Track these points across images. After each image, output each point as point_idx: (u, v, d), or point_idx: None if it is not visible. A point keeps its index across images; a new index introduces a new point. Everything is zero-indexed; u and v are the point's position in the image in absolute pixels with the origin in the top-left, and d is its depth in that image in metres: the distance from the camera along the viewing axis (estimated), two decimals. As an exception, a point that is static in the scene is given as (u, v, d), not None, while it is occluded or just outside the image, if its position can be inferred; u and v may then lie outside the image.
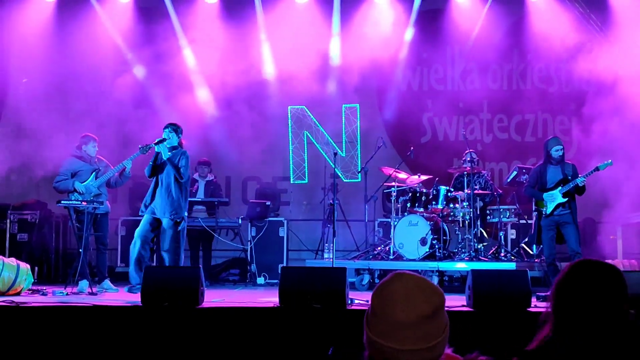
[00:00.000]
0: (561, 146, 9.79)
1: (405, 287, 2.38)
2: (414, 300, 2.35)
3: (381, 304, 2.39)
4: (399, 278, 2.41)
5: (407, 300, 2.34)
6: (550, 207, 9.63)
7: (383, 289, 2.41)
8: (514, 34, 13.51)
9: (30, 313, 7.64)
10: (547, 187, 9.73)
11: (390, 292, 2.38)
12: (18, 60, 14.06)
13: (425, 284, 2.40)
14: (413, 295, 2.36)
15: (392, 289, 2.39)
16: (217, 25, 13.67)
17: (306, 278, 7.84)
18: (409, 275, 2.41)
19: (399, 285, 2.39)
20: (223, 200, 12.44)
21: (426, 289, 2.38)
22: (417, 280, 2.40)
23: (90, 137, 10.36)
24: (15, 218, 12.53)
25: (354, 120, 14.12)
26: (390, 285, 2.40)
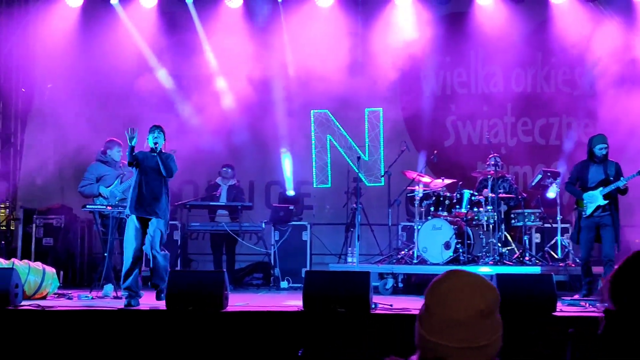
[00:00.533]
0: (606, 145, 9.64)
1: (460, 283, 2.36)
2: (469, 297, 2.33)
3: (435, 302, 2.36)
4: (454, 275, 2.40)
5: (461, 297, 2.33)
6: (590, 209, 9.52)
7: (437, 287, 2.39)
8: (538, 37, 13.42)
9: (56, 317, 7.71)
10: (587, 185, 9.61)
11: (445, 290, 2.36)
12: (43, 66, 14.18)
13: (480, 280, 2.38)
14: (467, 291, 2.34)
15: (447, 286, 2.37)
16: (240, 29, 13.70)
17: (330, 282, 7.84)
18: (463, 272, 2.40)
19: (453, 282, 2.37)
20: (246, 205, 12.47)
21: (481, 285, 2.37)
22: (471, 277, 2.38)
23: (115, 142, 10.43)
24: (41, 222, 12.63)
25: (377, 124, 14.10)
26: (444, 282, 2.39)
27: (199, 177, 14.02)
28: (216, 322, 7.54)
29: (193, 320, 7.53)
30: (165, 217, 8.93)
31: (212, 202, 12.49)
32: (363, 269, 10.28)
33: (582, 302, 8.63)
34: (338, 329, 7.37)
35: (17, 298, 8.00)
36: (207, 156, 13.47)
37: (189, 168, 13.14)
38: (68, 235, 12.65)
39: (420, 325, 2.40)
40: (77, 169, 13.21)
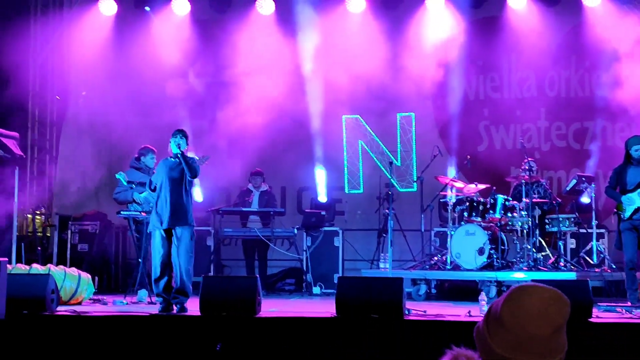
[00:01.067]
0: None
1: (541, 300, 2.35)
2: (551, 314, 2.33)
3: (514, 318, 2.35)
4: (534, 291, 2.38)
5: (544, 314, 2.33)
6: (629, 211, 9.41)
7: (516, 302, 2.38)
8: (572, 41, 13.32)
9: (91, 322, 7.78)
10: (626, 188, 9.51)
11: (526, 306, 2.35)
12: (78, 74, 14.34)
13: (558, 295, 2.38)
14: (549, 308, 2.34)
15: (528, 302, 2.36)
16: (272, 35, 13.76)
17: (363, 288, 7.84)
18: (542, 288, 2.39)
19: (535, 299, 2.36)
20: (278, 210, 12.49)
21: (560, 301, 2.37)
22: (551, 293, 2.38)
23: (149, 149, 10.51)
24: (76, 229, 12.75)
25: (409, 129, 14.07)
26: (525, 298, 2.37)
27: (231, 183, 14.07)
28: (249, 328, 7.56)
29: (226, 326, 7.56)
30: (189, 223, 8.69)
31: (244, 208, 12.53)
32: (396, 274, 10.25)
33: (618, 309, 8.52)
34: (371, 335, 7.35)
35: (53, 304, 8.09)
36: (239, 162, 13.52)
37: (221, 174, 13.21)
38: (103, 241, 12.76)
39: (491, 339, 2.39)
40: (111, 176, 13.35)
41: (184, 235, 8.52)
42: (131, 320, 7.85)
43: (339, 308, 7.69)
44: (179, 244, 8.47)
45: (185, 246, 8.51)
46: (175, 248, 8.48)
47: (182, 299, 8.39)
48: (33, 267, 9.66)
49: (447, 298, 11.09)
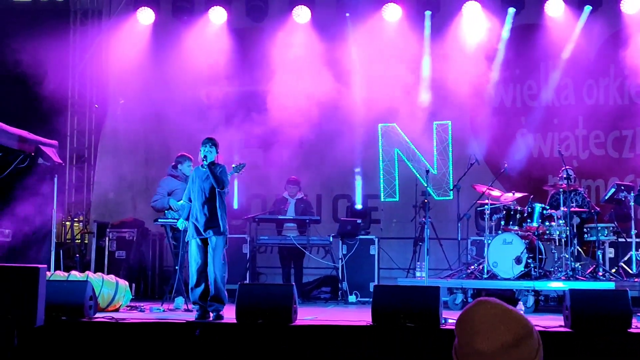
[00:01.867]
0: None
1: (486, 316, 2.35)
2: (495, 330, 2.31)
3: (463, 333, 2.37)
4: (480, 306, 2.38)
5: (488, 330, 2.31)
6: None
7: (464, 318, 2.39)
8: (611, 48, 13.18)
9: (129, 329, 7.83)
10: None
11: (472, 321, 2.36)
12: (116, 83, 14.50)
13: (507, 313, 2.36)
14: (494, 324, 2.32)
15: (473, 317, 2.36)
16: (308, 44, 13.80)
17: (399, 296, 7.80)
18: (491, 303, 2.38)
19: (480, 314, 2.36)
20: (314, 218, 12.49)
21: (508, 318, 2.34)
22: (498, 309, 2.36)
23: (186, 157, 10.57)
24: (114, 236, 12.86)
25: (446, 137, 14.01)
26: (470, 314, 2.38)
27: (267, 191, 14.12)
28: (285, 336, 7.56)
29: (262, 334, 7.57)
30: (223, 232, 8.68)
31: (280, 216, 12.56)
32: (432, 283, 10.21)
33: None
34: (407, 344, 7.32)
35: (91, 310, 8.16)
36: (275, 170, 13.56)
37: (257, 182, 13.27)
38: (140, 248, 12.86)
39: (455, 355, 2.42)
40: (148, 183, 13.47)
41: (218, 243, 8.57)
42: (168, 327, 7.89)
43: (374, 316, 7.66)
44: (214, 253, 8.51)
45: (219, 254, 8.56)
46: (211, 257, 8.53)
47: (217, 306, 8.42)
48: (71, 274, 9.76)
49: (483, 307, 10.99)
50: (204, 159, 8.64)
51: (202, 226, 8.55)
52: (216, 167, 8.70)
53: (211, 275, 8.48)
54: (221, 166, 8.76)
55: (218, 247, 8.55)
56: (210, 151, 8.67)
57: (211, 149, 8.68)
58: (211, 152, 8.67)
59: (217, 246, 8.54)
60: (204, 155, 8.64)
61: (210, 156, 8.65)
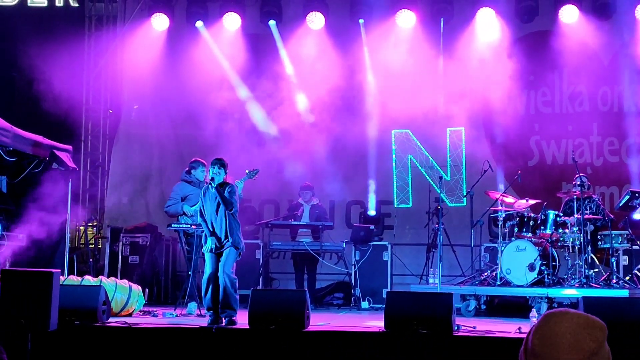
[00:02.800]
0: None
1: (571, 327, 2.34)
2: (581, 341, 2.32)
3: (543, 344, 2.35)
4: (563, 319, 2.37)
5: (573, 342, 2.32)
6: None
7: (544, 329, 2.38)
8: (626, 55, 13.12)
9: (142, 334, 7.86)
10: None
11: (555, 334, 2.35)
12: (130, 88, 14.56)
13: (589, 321, 2.37)
14: (579, 335, 2.33)
15: (557, 330, 2.35)
16: (322, 50, 13.82)
17: (412, 303, 7.80)
18: (572, 314, 2.38)
19: (564, 326, 2.35)
20: (327, 224, 12.49)
21: (591, 327, 2.35)
22: (580, 319, 2.36)
23: (200, 162, 10.60)
24: (128, 241, 12.89)
25: (459, 144, 13.99)
26: (553, 326, 2.37)
27: (280, 197, 14.14)
28: (298, 342, 7.57)
29: (275, 339, 7.57)
30: (237, 244, 8.72)
31: (293, 222, 12.56)
32: (445, 290, 10.19)
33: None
34: (420, 350, 7.31)
35: (104, 315, 8.19)
36: (288, 175, 13.57)
37: (270, 187, 13.28)
38: (153, 253, 12.88)
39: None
40: (162, 189, 13.51)
41: (231, 252, 8.60)
42: (181, 332, 7.91)
43: (387, 323, 7.66)
44: (225, 260, 8.55)
45: (230, 262, 8.60)
46: (222, 264, 8.55)
47: (229, 312, 8.44)
48: (85, 278, 9.80)
49: (496, 314, 10.97)
50: (212, 181, 8.68)
51: (219, 242, 8.61)
52: (225, 187, 8.71)
53: (221, 281, 8.50)
54: (230, 186, 8.76)
55: (230, 256, 8.58)
56: (219, 172, 8.69)
57: (219, 170, 8.70)
58: (219, 173, 8.70)
59: (229, 255, 8.57)
60: (212, 178, 8.68)
61: (219, 177, 8.67)
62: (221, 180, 8.68)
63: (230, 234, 8.61)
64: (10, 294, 7.40)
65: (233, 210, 8.72)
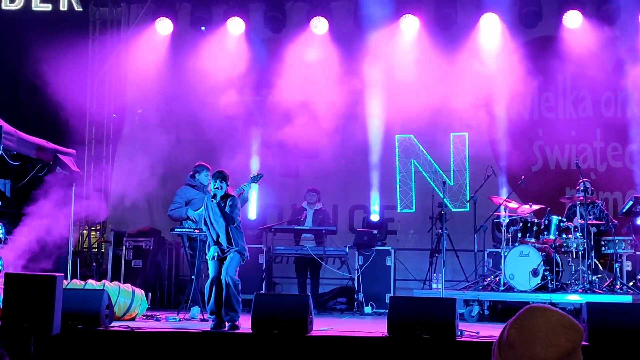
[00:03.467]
0: None
1: (549, 323, 2.36)
2: (557, 338, 2.33)
3: (521, 339, 2.37)
4: (542, 313, 2.39)
5: (549, 338, 2.33)
6: None
7: (523, 323, 2.39)
8: (629, 60, 13.10)
9: (145, 338, 7.86)
10: None
11: (532, 328, 2.36)
12: (134, 92, 14.57)
13: (568, 321, 2.38)
14: (556, 332, 2.34)
15: (535, 324, 2.37)
16: (326, 54, 13.83)
17: (415, 308, 7.79)
18: (552, 311, 2.39)
19: (542, 321, 2.37)
20: (330, 229, 12.48)
21: (569, 326, 2.36)
22: (559, 317, 2.38)
23: (204, 166, 10.61)
24: (131, 245, 12.90)
25: (463, 149, 13.98)
26: (532, 320, 2.38)
27: (284, 201, 14.14)
28: (301, 346, 7.56)
29: (278, 344, 7.57)
30: (242, 251, 8.83)
31: (297, 226, 12.56)
32: (448, 295, 10.18)
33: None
34: (423, 356, 7.30)
35: (107, 319, 8.19)
36: (292, 180, 13.57)
37: (274, 192, 13.28)
38: (157, 257, 12.89)
39: (499, 354, 2.41)
40: (165, 193, 13.52)
41: (235, 257, 8.64)
42: (184, 336, 7.91)
43: (390, 328, 7.65)
44: (229, 263, 8.58)
45: (233, 265, 8.63)
46: (225, 266, 8.57)
47: (233, 315, 8.44)
48: (88, 282, 9.81)
49: (500, 319, 10.95)
50: (214, 197, 8.71)
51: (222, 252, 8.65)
52: (227, 200, 8.73)
53: (224, 282, 8.52)
54: (232, 199, 8.79)
55: (234, 260, 8.62)
56: (220, 186, 8.72)
57: (221, 184, 8.72)
58: (221, 187, 8.72)
59: (233, 258, 8.61)
60: (214, 194, 8.71)
61: (220, 192, 8.70)
62: (222, 194, 8.70)
63: (234, 244, 8.66)
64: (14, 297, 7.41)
65: (235, 224, 8.76)
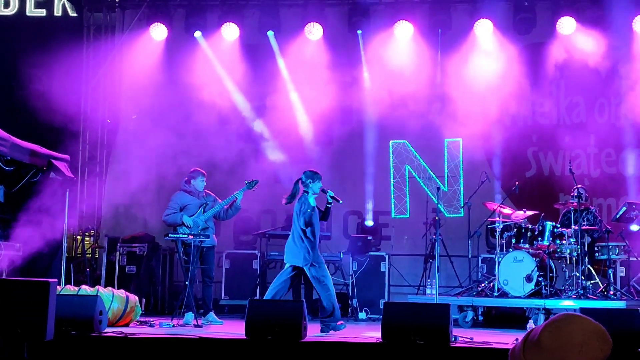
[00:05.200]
0: None
1: (584, 331, 2.39)
2: (591, 347, 2.36)
3: (554, 343, 2.39)
4: (579, 321, 2.42)
5: (584, 346, 2.36)
6: None
7: (559, 328, 2.42)
8: (623, 66, 13.13)
9: (138, 344, 7.84)
10: None
11: (568, 334, 2.39)
12: (128, 98, 14.55)
13: (602, 332, 2.41)
14: (591, 342, 2.37)
15: (571, 330, 2.40)
16: (320, 60, 13.83)
17: (409, 314, 7.79)
18: (588, 320, 2.43)
19: (578, 328, 2.40)
20: (325, 235, 12.47)
21: (602, 338, 2.40)
22: (595, 327, 2.41)
23: (199, 172, 10.61)
24: (125, 251, 12.88)
25: (457, 155, 14.00)
26: (568, 326, 2.41)
27: (278, 207, 14.11)
28: (295, 352, 7.55)
29: (272, 350, 7.56)
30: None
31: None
32: (442, 301, 10.18)
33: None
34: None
35: (101, 325, 8.17)
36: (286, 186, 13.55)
37: (267, 198, 13.26)
38: (151, 263, 12.87)
39: (523, 355, 2.43)
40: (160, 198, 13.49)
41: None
42: (177, 342, 7.89)
43: (384, 334, 7.65)
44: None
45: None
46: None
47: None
48: (82, 288, 9.78)
49: (494, 325, 10.97)
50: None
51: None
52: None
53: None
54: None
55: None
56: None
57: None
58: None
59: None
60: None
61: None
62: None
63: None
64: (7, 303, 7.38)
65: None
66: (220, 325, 10.02)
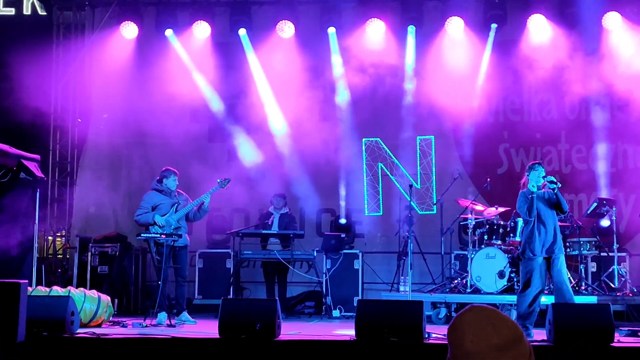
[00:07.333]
0: None
1: (476, 318, 2.46)
2: (483, 331, 2.42)
3: (453, 334, 2.49)
4: (471, 309, 2.51)
5: (475, 331, 2.43)
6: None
7: (455, 322, 2.52)
8: (593, 63, 13.22)
9: (111, 344, 7.79)
10: None
11: (461, 323, 2.48)
12: (99, 97, 14.44)
13: (497, 316, 2.48)
14: (482, 326, 2.44)
15: (463, 319, 2.48)
16: (292, 59, 13.82)
17: (383, 311, 7.81)
18: (481, 307, 2.51)
19: (469, 315, 2.48)
20: (298, 233, 12.46)
21: (496, 321, 2.45)
22: (488, 312, 2.48)
23: (171, 171, 10.56)
24: (97, 251, 12.79)
25: (429, 152, 14.05)
26: (462, 316, 2.51)
27: (251, 206, 14.08)
28: (269, 351, 7.54)
29: (246, 349, 7.54)
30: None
31: (264, 231, 12.53)
32: (416, 298, 10.22)
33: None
34: (391, 358, 7.31)
35: (73, 326, 8.10)
36: (259, 185, 13.54)
37: (240, 197, 13.24)
38: (123, 263, 12.79)
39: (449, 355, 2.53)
40: (131, 198, 13.43)
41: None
42: (150, 342, 7.85)
43: (358, 331, 7.66)
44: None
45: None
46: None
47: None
48: (53, 289, 9.70)
49: (467, 322, 11.00)
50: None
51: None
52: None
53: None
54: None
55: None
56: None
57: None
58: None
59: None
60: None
61: None
62: None
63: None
64: (-23, 305, 7.30)
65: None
66: (193, 325, 9.98)
